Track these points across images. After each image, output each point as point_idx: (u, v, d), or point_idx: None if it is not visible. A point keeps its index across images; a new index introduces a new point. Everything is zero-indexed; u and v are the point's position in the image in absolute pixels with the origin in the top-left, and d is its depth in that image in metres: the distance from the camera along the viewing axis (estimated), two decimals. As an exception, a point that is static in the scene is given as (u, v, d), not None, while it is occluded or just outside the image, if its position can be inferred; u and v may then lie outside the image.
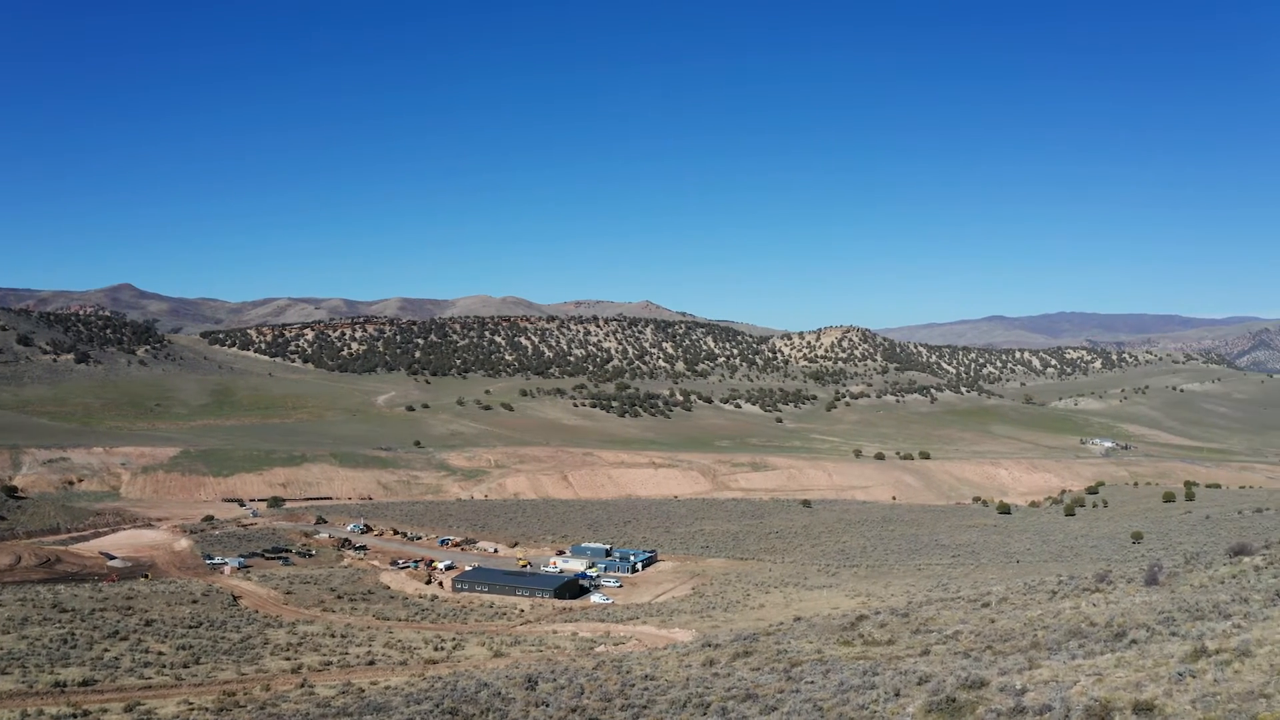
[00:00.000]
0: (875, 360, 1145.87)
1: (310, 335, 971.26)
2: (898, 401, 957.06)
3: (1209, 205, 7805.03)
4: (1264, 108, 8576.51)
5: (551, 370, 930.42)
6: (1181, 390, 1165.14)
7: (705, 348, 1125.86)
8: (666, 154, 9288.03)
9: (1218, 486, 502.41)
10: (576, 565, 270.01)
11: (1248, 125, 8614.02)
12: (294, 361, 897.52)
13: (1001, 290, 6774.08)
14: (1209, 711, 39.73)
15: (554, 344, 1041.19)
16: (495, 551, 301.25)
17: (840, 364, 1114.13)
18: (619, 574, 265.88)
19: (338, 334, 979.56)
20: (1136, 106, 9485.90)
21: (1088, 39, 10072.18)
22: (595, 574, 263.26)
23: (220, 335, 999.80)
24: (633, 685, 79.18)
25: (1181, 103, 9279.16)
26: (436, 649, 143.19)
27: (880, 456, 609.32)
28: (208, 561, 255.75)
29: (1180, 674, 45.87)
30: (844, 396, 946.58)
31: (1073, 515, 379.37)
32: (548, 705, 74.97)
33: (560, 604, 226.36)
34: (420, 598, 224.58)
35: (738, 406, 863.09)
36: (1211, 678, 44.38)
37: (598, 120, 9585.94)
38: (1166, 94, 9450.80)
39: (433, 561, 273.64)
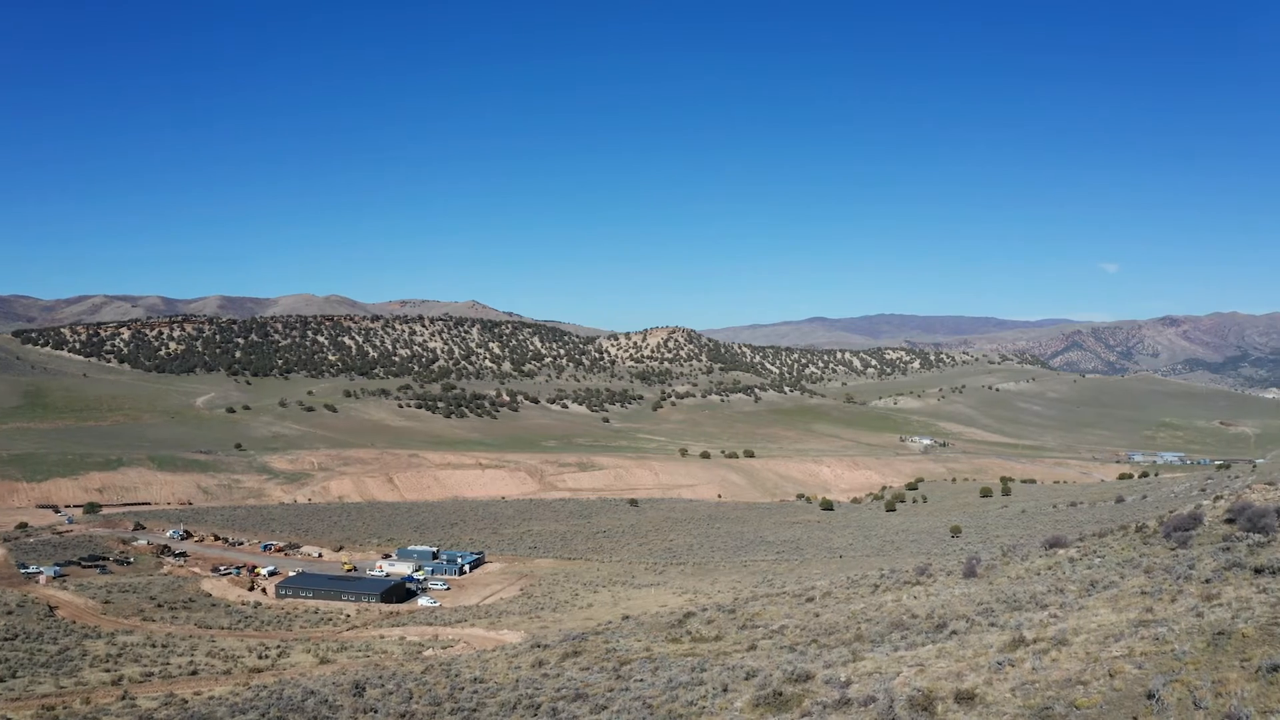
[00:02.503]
0: (700, 361, 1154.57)
1: (127, 334, 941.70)
2: (723, 401, 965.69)
3: (1024, 211, 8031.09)
4: (1077, 117, 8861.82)
5: (376, 371, 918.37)
6: (997, 389, 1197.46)
7: (532, 348, 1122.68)
8: (492, 153, 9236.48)
9: (1033, 482, 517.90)
10: (403, 568, 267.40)
11: (1060, 134, 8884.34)
12: (110, 362, 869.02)
13: (823, 292, 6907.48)
14: (1028, 699, 41.07)
15: (379, 344, 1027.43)
16: (320, 556, 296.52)
17: (666, 364, 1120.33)
18: (446, 576, 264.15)
19: (155, 333, 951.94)
20: (955, 110, 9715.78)
21: (886, 40, 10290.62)
22: (422, 577, 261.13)
23: (32, 334, 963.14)
24: (462, 688, 79.03)
25: (1000, 107, 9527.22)
26: (261, 657, 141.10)
27: (706, 455, 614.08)
28: (22, 570, 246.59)
29: (1000, 663, 47.22)
30: (670, 396, 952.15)
31: (893, 511, 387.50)
32: (376, 711, 74.51)
33: (387, 608, 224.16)
34: (243, 605, 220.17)
35: (565, 407, 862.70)
36: (1030, 666, 45.80)
37: (420, 118, 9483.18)
38: (983, 98, 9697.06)
39: (255, 567, 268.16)
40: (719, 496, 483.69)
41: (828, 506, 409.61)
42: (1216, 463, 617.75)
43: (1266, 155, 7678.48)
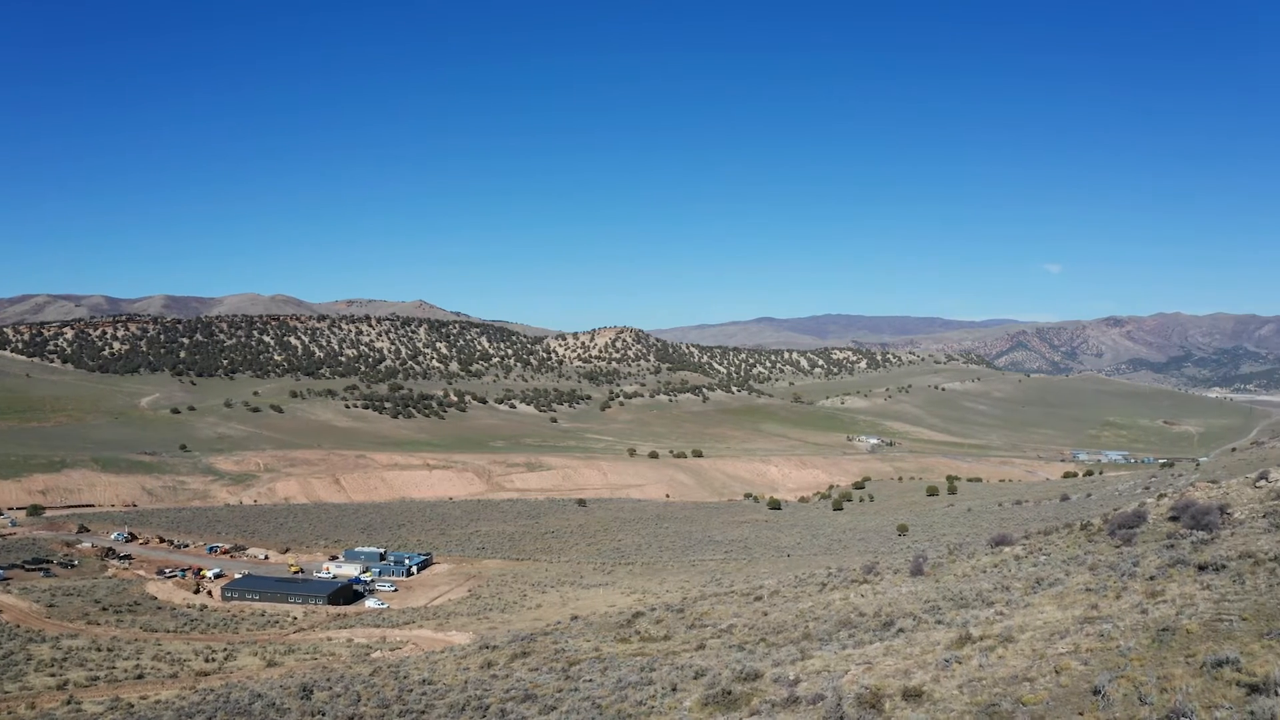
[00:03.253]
0: (648, 360, 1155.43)
1: (70, 334, 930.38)
2: (670, 401, 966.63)
3: (969, 212, 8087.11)
4: (1020, 118, 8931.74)
5: (322, 371, 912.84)
6: (943, 389, 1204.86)
7: (480, 348, 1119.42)
8: (439, 153, 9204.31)
9: (979, 480, 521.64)
10: (350, 570, 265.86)
11: (1004, 136, 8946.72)
12: (53, 362, 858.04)
13: (771, 293, 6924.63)
14: (975, 695, 41.31)
15: (325, 344, 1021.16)
16: (266, 558, 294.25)
17: (614, 364, 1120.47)
18: (394, 578, 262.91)
19: (99, 333, 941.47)
20: (899, 112, 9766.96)
21: (822, 38, 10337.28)
22: (370, 578, 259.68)
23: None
24: (410, 690, 78.82)
25: (944, 108, 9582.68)
26: (207, 660, 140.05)
27: (654, 455, 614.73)
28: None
29: (947, 660, 47.49)
30: (618, 396, 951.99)
31: (841, 510, 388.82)
32: (324, 714, 74.13)
33: (334, 610, 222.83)
34: (189, 608, 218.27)
35: (512, 407, 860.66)
36: (977, 663, 46.07)
37: (365, 118, 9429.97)
38: (927, 100, 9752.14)
39: (201, 570, 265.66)
40: (667, 496, 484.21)
41: (775, 506, 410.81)
42: (1160, 461, 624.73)
43: (1209, 157, 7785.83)
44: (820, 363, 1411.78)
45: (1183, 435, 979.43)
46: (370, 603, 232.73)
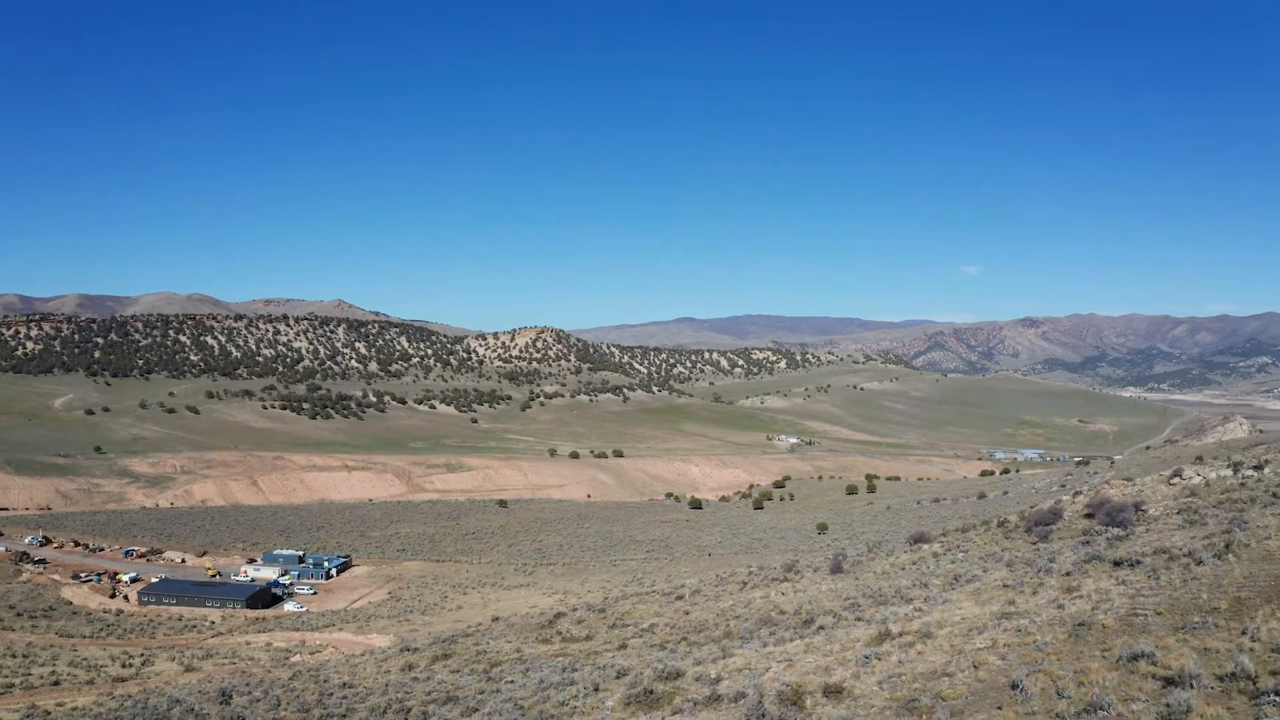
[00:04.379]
0: (569, 360, 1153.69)
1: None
2: (591, 401, 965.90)
3: (887, 213, 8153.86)
4: (937, 119, 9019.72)
5: (240, 371, 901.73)
6: (862, 389, 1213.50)
7: (399, 348, 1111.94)
8: (358, 151, 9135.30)
9: (897, 479, 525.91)
10: (269, 573, 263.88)
11: (920, 137, 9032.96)
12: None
13: (691, 293, 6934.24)
14: (895, 691, 41.67)
15: (242, 344, 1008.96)
16: (183, 561, 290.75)
17: (535, 364, 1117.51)
18: (313, 581, 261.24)
19: (12, 333, 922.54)
20: (817, 111, 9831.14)
21: (737, 36, 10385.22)
22: (288, 581, 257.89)
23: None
24: (331, 694, 78.38)
25: (862, 109, 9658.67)
26: (125, 666, 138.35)
27: (575, 455, 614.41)
28: None
29: (866, 657, 47.86)
30: (539, 396, 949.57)
31: (761, 509, 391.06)
32: (244, 719, 73.47)
33: (253, 614, 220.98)
34: (105, 612, 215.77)
35: (432, 407, 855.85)
36: (896, 659, 46.48)
37: (279, 115, 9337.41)
38: (845, 99, 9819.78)
39: (117, 574, 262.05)
40: (588, 496, 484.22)
41: (696, 505, 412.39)
42: (1076, 459, 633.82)
43: (1122, 159, 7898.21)
44: (740, 363, 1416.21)
45: (1098, 434, 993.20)
46: (289, 606, 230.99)
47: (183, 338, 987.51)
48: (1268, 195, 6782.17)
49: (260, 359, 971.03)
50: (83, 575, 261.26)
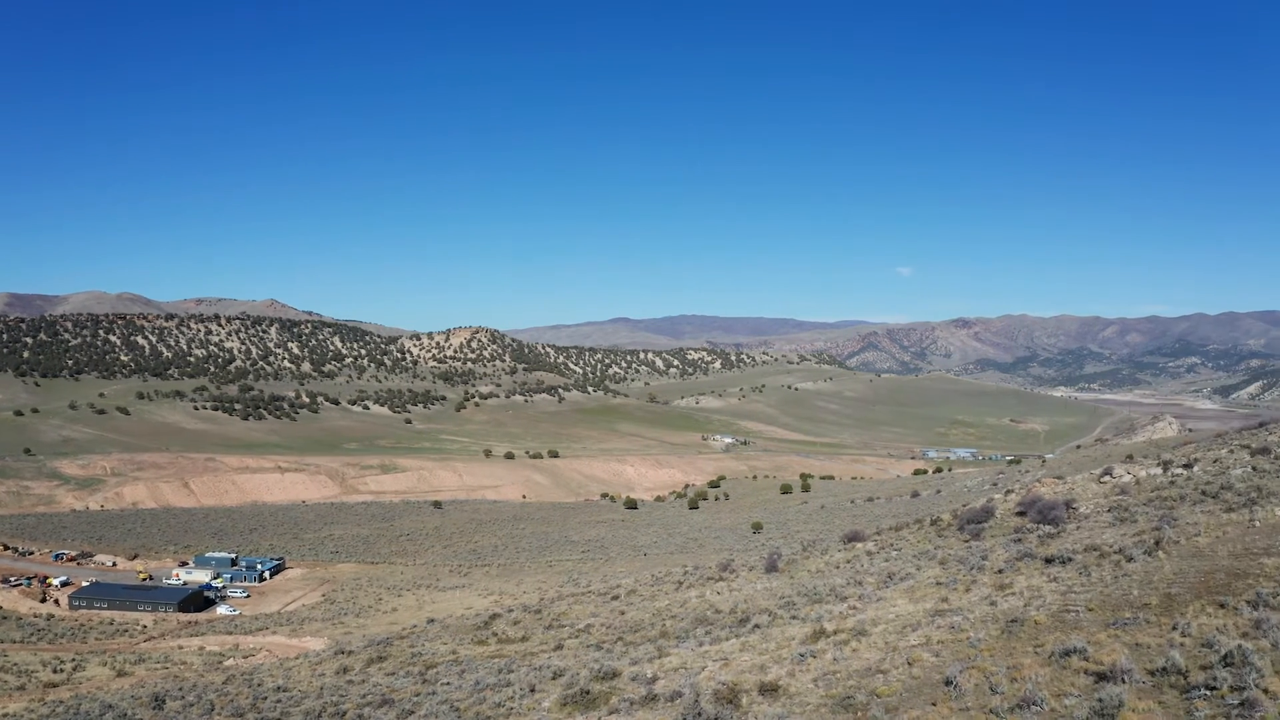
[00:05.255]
0: (504, 361, 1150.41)
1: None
2: (526, 401, 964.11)
3: (822, 212, 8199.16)
4: (871, 121, 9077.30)
5: (171, 372, 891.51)
6: (796, 389, 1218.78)
7: (332, 348, 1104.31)
8: (291, 149, 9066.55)
9: (831, 478, 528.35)
10: (201, 576, 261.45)
11: (855, 138, 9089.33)
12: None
13: (627, 292, 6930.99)
14: (830, 689, 41.91)
15: (173, 344, 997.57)
16: (114, 565, 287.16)
17: (470, 364, 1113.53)
18: (246, 584, 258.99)
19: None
20: (749, 111, 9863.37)
21: (664, 37, 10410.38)
22: (221, 585, 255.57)
23: None
24: (265, 698, 77.87)
25: (796, 110, 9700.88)
26: (55, 671, 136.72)
27: (510, 456, 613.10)
28: None
29: (802, 655, 48.12)
30: (473, 397, 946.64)
31: (696, 508, 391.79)
32: (178, 723, 72.90)
33: (185, 617, 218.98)
34: (35, 617, 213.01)
35: (366, 408, 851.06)
36: (831, 657, 46.76)
37: (214, 110, 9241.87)
38: (779, 100, 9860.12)
39: (47, 578, 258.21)
40: (524, 497, 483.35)
41: (632, 505, 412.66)
42: (1007, 458, 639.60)
43: (1054, 162, 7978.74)
44: (676, 363, 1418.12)
45: (1029, 433, 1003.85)
46: (222, 609, 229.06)
47: (113, 338, 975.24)
48: (1197, 198, 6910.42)
49: (192, 359, 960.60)
50: (12, 579, 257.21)
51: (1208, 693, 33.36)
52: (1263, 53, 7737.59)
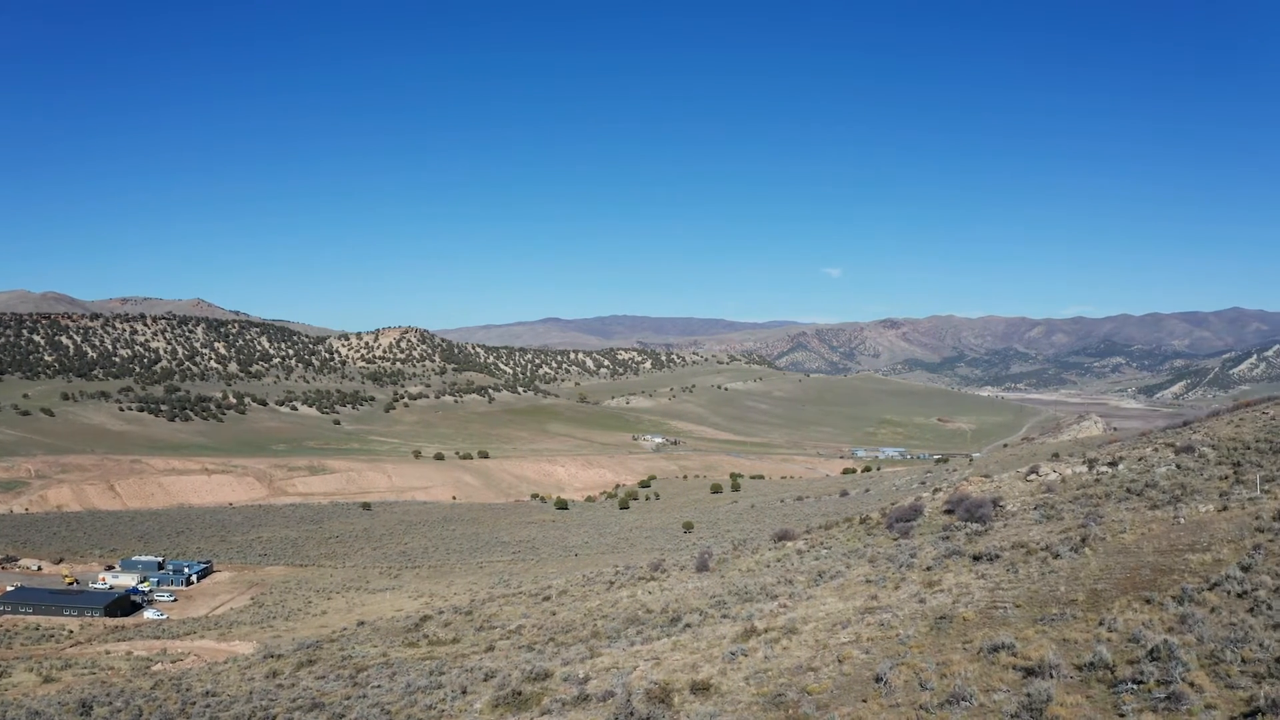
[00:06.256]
0: (434, 361, 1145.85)
1: None
2: (456, 402, 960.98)
3: (751, 212, 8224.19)
4: (798, 121, 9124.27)
5: (96, 372, 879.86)
6: (726, 389, 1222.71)
7: (260, 348, 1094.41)
8: (217, 146, 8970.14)
9: (761, 477, 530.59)
10: (128, 580, 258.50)
11: (783, 140, 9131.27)
12: None
13: (557, 292, 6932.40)
14: (762, 686, 42.14)
15: (98, 344, 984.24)
16: (39, 569, 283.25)
17: (399, 365, 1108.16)
18: (173, 587, 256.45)
19: None
20: (681, 111, 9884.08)
21: (598, 38, 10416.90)
22: (148, 589, 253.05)
23: None
24: (194, 703, 77.23)
25: (725, 109, 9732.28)
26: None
27: (440, 457, 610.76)
28: None
29: (733, 653, 48.34)
30: (403, 397, 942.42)
31: (627, 508, 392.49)
32: (105, 728, 72.18)
33: (112, 622, 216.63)
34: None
35: (294, 409, 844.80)
36: (762, 655, 47.02)
37: (137, 105, 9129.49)
38: (709, 99, 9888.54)
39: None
40: (454, 498, 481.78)
41: (562, 505, 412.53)
42: (935, 457, 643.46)
43: (978, 163, 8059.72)
44: (606, 363, 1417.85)
45: (957, 432, 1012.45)
46: (149, 614, 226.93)
47: (37, 337, 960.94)
48: (1122, 199, 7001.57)
49: (117, 359, 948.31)
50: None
51: (1135, 686, 33.85)
52: (1184, 60, 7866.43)
